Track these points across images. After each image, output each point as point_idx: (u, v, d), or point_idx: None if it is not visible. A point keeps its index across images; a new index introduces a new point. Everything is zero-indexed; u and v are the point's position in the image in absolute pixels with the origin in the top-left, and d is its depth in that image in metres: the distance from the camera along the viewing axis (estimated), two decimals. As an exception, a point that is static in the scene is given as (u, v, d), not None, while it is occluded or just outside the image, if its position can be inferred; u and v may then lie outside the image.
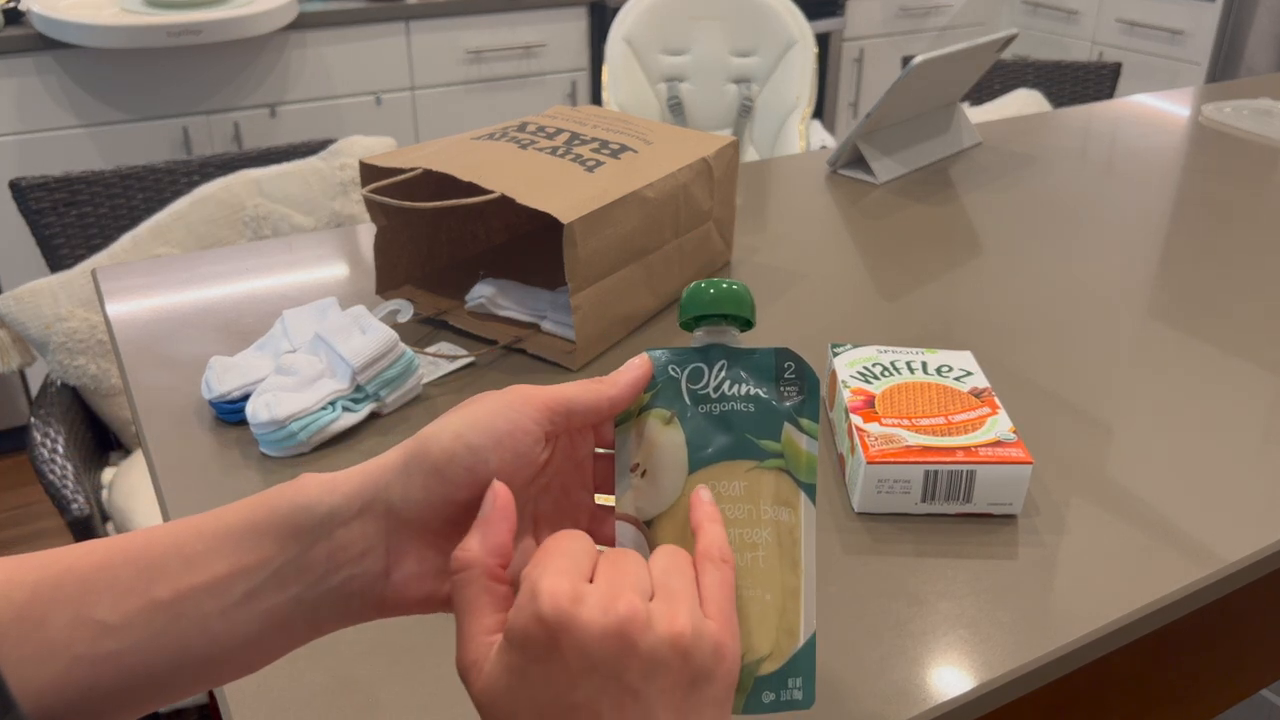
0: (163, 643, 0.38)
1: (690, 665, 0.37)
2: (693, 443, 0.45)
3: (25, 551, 0.39)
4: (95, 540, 0.40)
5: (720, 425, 0.45)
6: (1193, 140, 1.55)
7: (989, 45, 1.40)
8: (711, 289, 0.45)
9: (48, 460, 1.34)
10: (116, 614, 0.38)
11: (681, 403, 0.45)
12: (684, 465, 0.44)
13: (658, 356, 0.45)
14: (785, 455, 0.45)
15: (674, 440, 0.45)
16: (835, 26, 3.09)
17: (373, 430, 0.81)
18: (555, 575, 0.36)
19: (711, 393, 0.45)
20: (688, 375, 0.45)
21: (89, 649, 0.37)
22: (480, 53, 2.65)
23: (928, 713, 0.57)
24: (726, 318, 0.46)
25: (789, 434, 0.45)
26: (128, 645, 0.38)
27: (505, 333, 0.94)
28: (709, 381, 0.45)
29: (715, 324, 0.46)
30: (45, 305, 1.52)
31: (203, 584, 0.39)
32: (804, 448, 0.45)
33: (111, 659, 0.38)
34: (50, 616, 0.37)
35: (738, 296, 0.45)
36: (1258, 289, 1.07)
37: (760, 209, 1.26)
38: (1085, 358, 0.93)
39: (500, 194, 0.85)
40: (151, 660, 0.38)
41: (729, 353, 0.46)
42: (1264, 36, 2.86)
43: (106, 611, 0.38)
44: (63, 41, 2.16)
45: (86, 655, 0.37)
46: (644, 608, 0.37)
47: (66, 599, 0.38)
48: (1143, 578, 0.67)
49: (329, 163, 1.78)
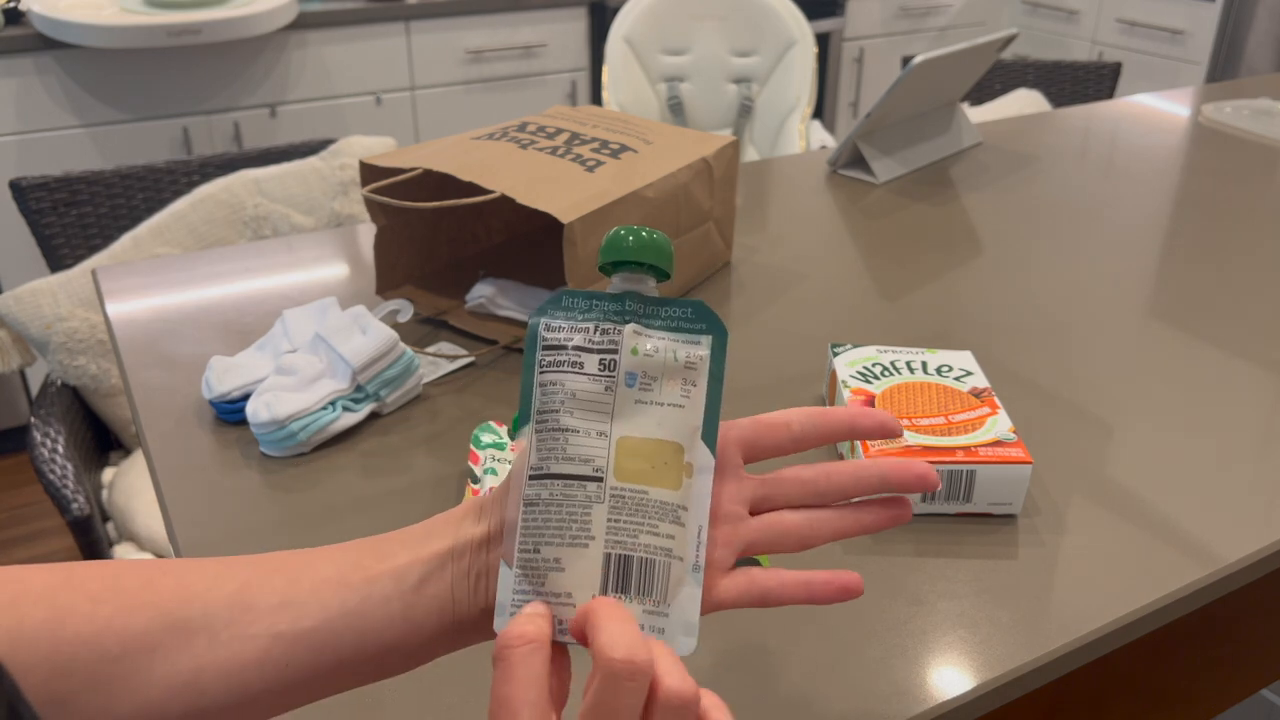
0: (350, 622, 0.43)
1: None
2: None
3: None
4: (296, 551, 0.46)
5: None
6: (1193, 140, 1.55)
7: (989, 45, 1.40)
8: (631, 237, 0.45)
9: (48, 460, 1.34)
10: (315, 597, 0.43)
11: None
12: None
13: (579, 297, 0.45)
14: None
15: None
16: (835, 26, 3.09)
17: (373, 430, 0.81)
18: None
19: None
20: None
21: (289, 627, 0.42)
22: (480, 53, 2.65)
23: (928, 713, 0.57)
24: (644, 266, 0.45)
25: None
26: (320, 622, 0.43)
27: (505, 333, 0.94)
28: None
29: (633, 271, 0.45)
30: (45, 305, 1.52)
31: (388, 570, 0.44)
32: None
33: (305, 636, 0.42)
34: (259, 601, 0.43)
35: (658, 246, 0.45)
36: (1257, 289, 1.07)
37: (760, 209, 1.26)
38: (1085, 358, 0.93)
39: (500, 194, 0.85)
40: (339, 644, 0.43)
41: (644, 300, 0.45)
42: (1264, 36, 2.86)
43: (306, 595, 0.43)
44: (63, 41, 2.16)
45: (287, 633, 0.42)
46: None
47: (275, 589, 0.43)
48: (1143, 578, 0.67)
49: (329, 163, 1.78)
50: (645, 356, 0.44)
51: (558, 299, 0.44)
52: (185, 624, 0.42)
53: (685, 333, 0.45)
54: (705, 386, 0.45)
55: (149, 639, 0.41)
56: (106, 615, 0.41)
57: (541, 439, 0.44)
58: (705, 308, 0.45)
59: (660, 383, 0.44)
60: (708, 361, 0.45)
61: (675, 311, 0.45)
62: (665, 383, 0.44)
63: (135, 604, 0.42)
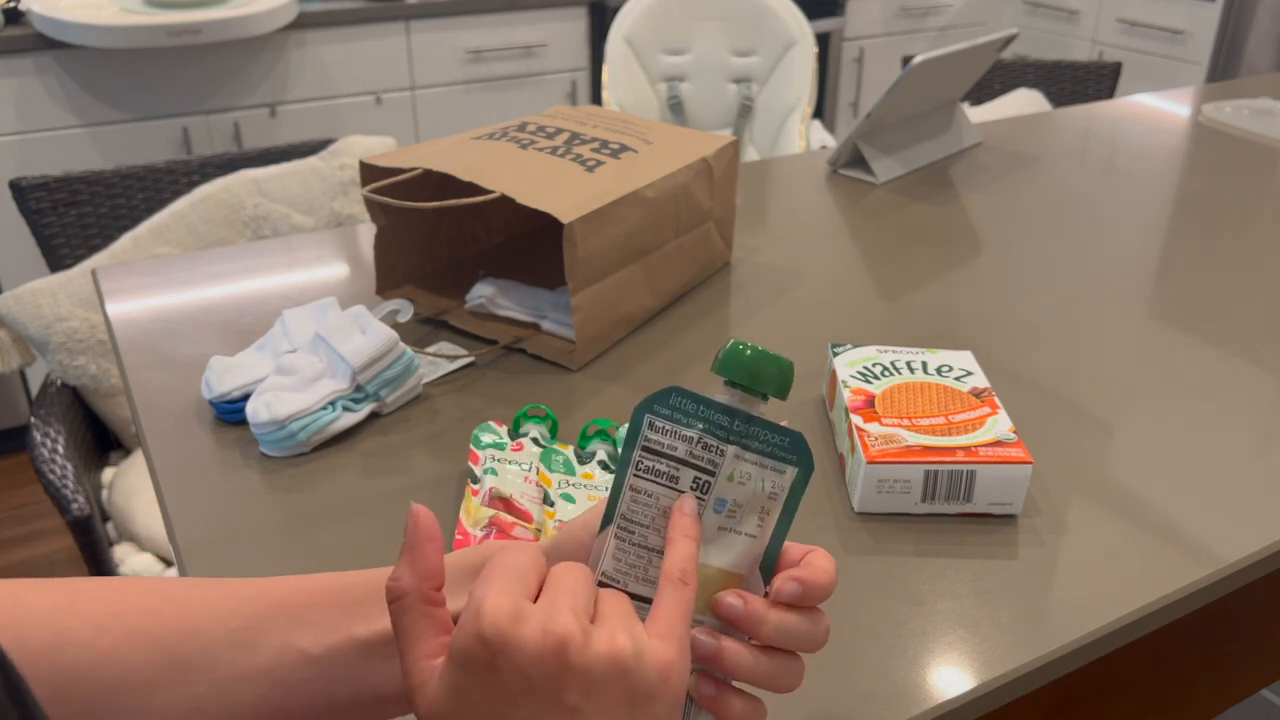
0: (350, 675, 0.43)
1: (630, 683, 0.37)
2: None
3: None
4: (300, 577, 0.45)
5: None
6: (1193, 140, 1.55)
7: (989, 45, 1.39)
8: (754, 358, 0.43)
9: (48, 460, 1.34)
10: (319, 647, 0.43)
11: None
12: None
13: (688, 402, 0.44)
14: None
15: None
16: (835, 26, 3.09)
17: (373, 430, 0.81)
18: (498, 594, 0.37)
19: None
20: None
21: (288, 675, 0.42)
22: (480, 53, 2.65)
23: (928, 713, 0.57)
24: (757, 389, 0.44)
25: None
26: (320, 675, 0.43)
27: (505, 333, 0.94)
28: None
29: (749, 394, 0.44)
30: (45, 305, 1.52)
31: (388, 628, 0.43)
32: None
33: (305, 685, 0.43)
34: (261, 644, 0.42)
35: (781, 377, 0.43)
36: (1257, 289, 1.07)
37: (760, 209, 1.26)
38: (1085, 357, 0.93)
39: (500, 194, 0.85)
40: (335, 691, 0.43)
41: (750, 421, 0.44)
42: (1264, 36, 2.86)
43: (310, 643, 0.43)
44: (63, 41, 2.16)
45: (285, 680, 0.42)
46: (579, 628, 0.37)
47: (277, 631, 0.43)
48: (1143, 578, 0.67)
49: (329, 163, 1.78)
50: (739, 484, 0.43)
51: (666, 396, 0.43)
52: (185, 660, 0.42)
53: (777, 460, 0.44)
54: (776, 518, 0.44)
55: (149, 673, 0.41)
56: (107, 646, 0.41)
57: (623, 550, 0.43)
58: (803, 442, 0.44)
59: (744, 511, 0.44)
60: (786, 494, 0.44)
61: (774, 438, 0.44)
62: (748, 512, 0.44)
63: (136, 635, 0.42)
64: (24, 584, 0.42)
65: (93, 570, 1.37)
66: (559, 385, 0.88)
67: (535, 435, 0.76)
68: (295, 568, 0.67)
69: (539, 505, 0.69)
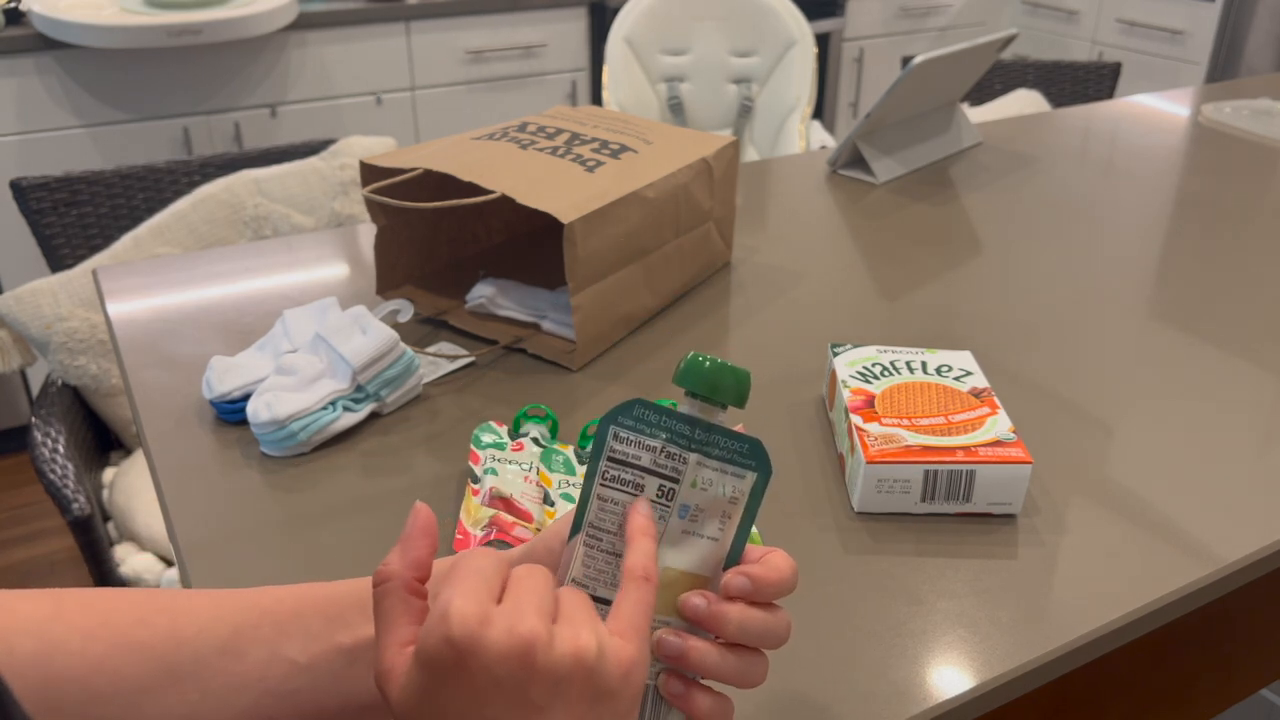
0: (336, 683, 0.44)
1: (594, 681, 0.38)
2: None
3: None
4: (287, 587, 0.46)
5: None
6: (1193, 140, 1.55)
7: (989, 45, 1.40)
8: (711, 369, 0.45)
9: (48, 460, 1.34)
10: (305, 655, 0.44)
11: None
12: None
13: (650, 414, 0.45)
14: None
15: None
16: (835, 26, 3.09)
17: (373, 430, 0.81)
18: (464, 598, 0.38)
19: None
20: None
21: (278, 685, 0.43)
22: (480, 53, 2.65)
23: (928, 712, 0.57)
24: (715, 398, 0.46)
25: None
26: (308, 684, 0.43)
27: (505, 333, 0.94)
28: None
29: (709, 404, 0.46)
30: (45, 305, 1.52)
31: (370, 636, 0.44)
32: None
33: (293, 695, 0.43)
34: (250, 653, 0.43)
35: (738, 388, 0.45)
36: (1257, 289, 1.07)
37: (760, 209, 1.26)
38: (1085, 357, 0.93)
39: (500, 194, 0.85)
40: (323, 700, 0.44)
41: (709, 429, 0.45)
42: (1264, 36, 2.86)
43: (297, 652, 0.44)
44: (63, 41, 2.16)
45: (275, 690, 0.43)
46: (545, 629, 0.38)
47: (265, 639, 0.43)
48: (1143, 578, 0.67)
49: (329, 163, 1.78)
50: (701, 490, 0.45)
51: (630, 407, 0.45)
52: (176, 669, 0.42)
53: (736, 465, 0.45)
54: (738, 521, 0.46)
55: (141, 681, 0.42)
56: (98, 654, 0.41)
57: (591, 557, 0.45)
58: (761, 447, 0.46)
59: (706, 515, 0.45)
60: (747, 498, 0.46)
61: (733, 445, 0.45)
62: (710, 516, 0.46)
63: (127, 643, 0.42)
64: (10, 594, 0.42)
65: (94, 570, 1.37)
66: (559, 385, 0.88)
67: (535, 435, 0.76)
68: (295, 567, 0.67)
69: (539, 505, 0.69)
